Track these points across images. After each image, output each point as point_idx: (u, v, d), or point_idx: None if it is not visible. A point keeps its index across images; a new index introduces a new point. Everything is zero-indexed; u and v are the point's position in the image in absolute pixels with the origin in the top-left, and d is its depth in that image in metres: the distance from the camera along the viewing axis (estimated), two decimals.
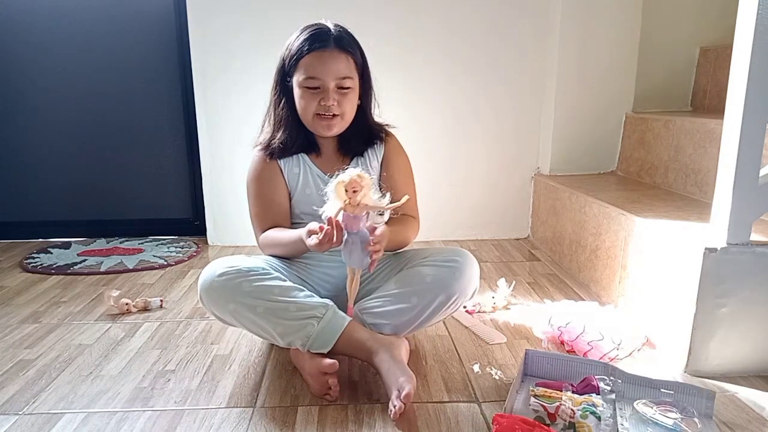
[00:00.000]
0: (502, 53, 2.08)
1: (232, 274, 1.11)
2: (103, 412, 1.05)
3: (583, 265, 1.72)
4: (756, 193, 1.09)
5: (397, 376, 1.02)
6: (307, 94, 1.19)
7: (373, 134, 1.31)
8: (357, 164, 1.30)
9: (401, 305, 1.14)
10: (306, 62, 1.17)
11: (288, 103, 1.24)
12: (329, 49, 1.17)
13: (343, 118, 1.22)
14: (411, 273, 1.18)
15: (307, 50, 1.17)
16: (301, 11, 1.96)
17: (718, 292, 1.13)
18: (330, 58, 1.17)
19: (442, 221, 2.18)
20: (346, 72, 1.19)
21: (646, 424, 0.96)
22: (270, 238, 1.27)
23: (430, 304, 1.14)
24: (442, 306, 1.15)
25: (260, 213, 1.29)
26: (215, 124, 2.09)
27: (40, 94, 2.21)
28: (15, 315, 1.52)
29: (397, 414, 0.97)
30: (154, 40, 2.18)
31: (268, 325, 1.10)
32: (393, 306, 1.14)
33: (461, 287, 1.16)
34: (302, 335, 1.09)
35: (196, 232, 2.30)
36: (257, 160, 1.29)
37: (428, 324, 1.20)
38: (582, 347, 1.23)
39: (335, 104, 1.19)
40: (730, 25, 1.12)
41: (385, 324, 1.14)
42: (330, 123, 1.22)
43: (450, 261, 1.17)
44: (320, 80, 1.17)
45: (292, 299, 1.10)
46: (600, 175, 2.10)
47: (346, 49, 1.19)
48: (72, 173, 2.28)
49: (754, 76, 1.04)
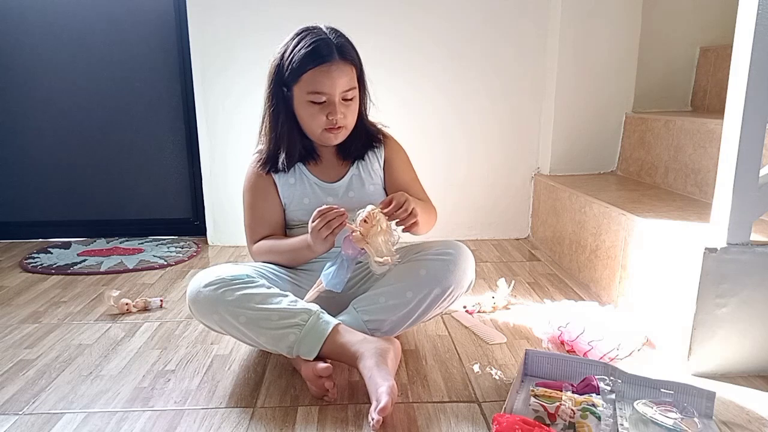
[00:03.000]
0: (502, 53, 2.08)
1: (216, 284, 1.10)
2: (103, 412, 1.05)
3: (583, 265, 1.72)
4: (756, 193, 1.09)
5: (377, 385, 0.98)
6: (313, 108, 1.17)
7: (370, 136, 1.31)
8: (358, 168, 1.30)
9: (396, 301, 1.13)
10: (310, 77, 1.14)
11: (286, 113, 1.21)
12: (335, 62, 1.14)
13: (347, 128, 1.22)
14: (405, 268, 1.17)
15: (311, 65, 1.14)
16: (302, 11, 1.96)
17: (718, 292, 1.13)
18: (336, 72, 1.15)
19: (442, 221, 2.14)
20: (350, 83, 1.18)
21: (646, 424, 0.96)
22: (266, 246, 1.26)
23: (426, 298, 1.14)
24: (438, 299, 1.15)
25: (252, 224, 1.29)
26: (215, 123, 2.09)
27: (40, 94, 2.21)
28: (15, 315, 1.52)
29: (376, 427, 0.95)
30: (154, 40, 2.18)
31: (252, 335, 1.09)
32: (388, 302, 1.13)
33: (456, 279, 1.15)
34: (285, 344, 1.08)
35: (196, 232, 2.30)
36: (251, 171, 1.28)
37: (426, 318, 1.19)
38: (582, 347, 1.23)
39: (341, 116, 1.18)
40: (730, 25, 1.12)
41: (382, 320, 1.13)
42: (336, 134, 1.21)
43: (443, 254, 1.17)
44: (327, 95, 1.16)
45: (274, 306, 1.08)
46: (600, 175, 2.10)
47: (349, 60, 1.17)
48: (72, 173, 2.28)
49: (754, 76, 1.04)
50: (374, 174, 1.31)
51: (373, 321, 1.14)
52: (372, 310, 1.14)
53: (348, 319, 1.14)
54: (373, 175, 1.31)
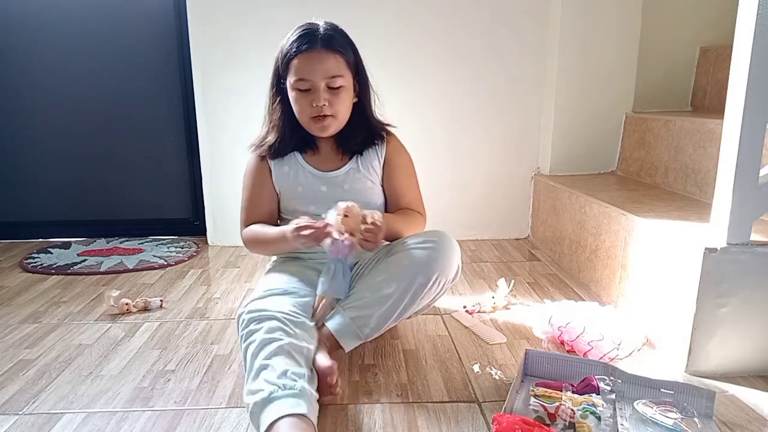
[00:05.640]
0: (502, 53, 2.08)
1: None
2: (103, 412, 1.05)
3: (583, 265, 1.72)
4: (756, 193, 1.09)
5: None
6: (299, 96, 1.20)
7: (373, 133, 1.31)
8: (356, 163, 1.30)
9: (381, 293, 1.13)
10: (295, 64, 1.18)
11: (283, 104, 1.25)
12: (316, 49, 1.17)
13: (336, 117, 1.22)
14: (389, 260, 1.18)
15: (295, 52, 1.17)
16: (302, 10, 1.94)
17: (718, 292, 1.13)
18: (317, 58, 1.17)
19: (443, 221, 2.15)
20: (335, 71, 1.18)
21: (646, 424, 0.96)
22: (253, 233, 1.30)
23: (410, 287, 1.13)
24: (423, 288, 1.14)
25: (248, 207, 1.33)
26: (215, 123, 2.09)
27: (40, 95, 2.21)
28: (15, 315, 1.52)
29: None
30: (154, 40, 2.18)
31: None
32: (373, 296, 1.13)
33: (440, 267, 1.15)
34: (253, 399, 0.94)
35: (196, 232, 2.30)
36: (251, 157, 1.33)
37: (414, 308, 1.18)
38: (582, 347, 1.23)
39: (326, 104, 1.19)
40: (730, 25, 1.12)
41: (369, 315, 1.13)
42: (323, 124, 1.22)
43: (426, 242, 1.17)
44: (309, 81, 1.18)
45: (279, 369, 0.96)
46: (600, 175, 2.10)
47: (334, 49, 1.18)
48: (72, 173, 2.28)
49: (754, 76, 1.04)
50: (373, 171, 1.32)
51: (361, 317, 1.13)
52: (358, 306, 1.14)
53: (337, 319, 1.13)
54: (372, 172, 1.31)
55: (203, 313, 1.52)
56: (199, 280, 1.80)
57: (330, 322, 1.13)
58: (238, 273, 1.86)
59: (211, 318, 1.49)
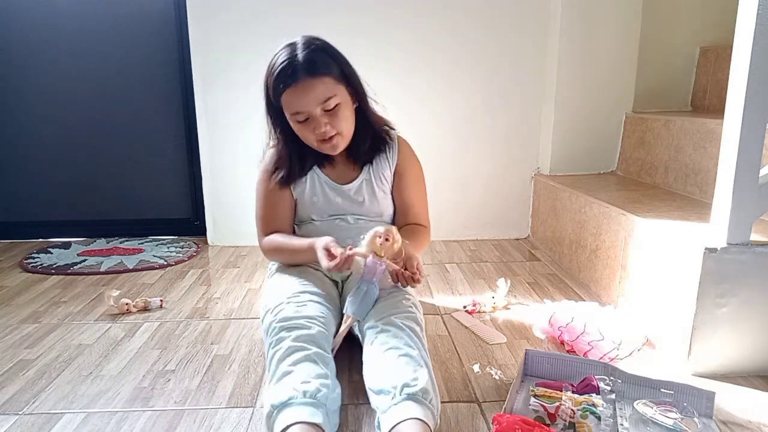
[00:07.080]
0: (502, 53, 2.08)
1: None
2: (103, 412, 1.05)
3: (583, 265, 1.72)
4: (756, 193, 1.09)
5: None
6: (300, 127, 1.20)
7: (378, 137, 1.30)
8: (368, 173, 1.30)
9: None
10: (285, 100, 1.16)
11: (284, 133, 1.25)
12: (301, 81, 1.13)
13: (342, 134, 1.21)
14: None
15: (282, 88, 1.15)
16: (302, 10, 1.95)
17: (718, 292, 1.13)
18: (305, 89, 1.14)
19: (443, 222, 2.17)
20: (326, 94, 1.15)
21: (646, 424, 0.96)
22: (275, 243, 1.28)
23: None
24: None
25: (265, 216, 1.31)
26: (215, 123, 2.09)
27: (40, 94, 2.21)
28: (15, 315, 1.52)
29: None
30: (154, 40, 2.18)
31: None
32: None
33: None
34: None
35: (196, 232, 2.30)
36: (265, 167, 1.31)
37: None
38: (582, 347, 1.23)
39: (328, 127, 1.18)
40: (730, 25, 1.12)
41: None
42: (332, 144, 1.21)
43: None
44: (304, 112, 1.16)
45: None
46: (600, 175, 2.10)
47: (318, 73, 1.14)
48: (72, 173, 2.28)
49: (754, 76, 1.04)
50: (384, 180, 1.32)
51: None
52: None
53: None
54: (384, 181, 1.32)
55: (203, 313, 1.52)
56: (199, 280, 1.80)
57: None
58: (238, 273, 1.86)
59: (211, 318, 1.49)
